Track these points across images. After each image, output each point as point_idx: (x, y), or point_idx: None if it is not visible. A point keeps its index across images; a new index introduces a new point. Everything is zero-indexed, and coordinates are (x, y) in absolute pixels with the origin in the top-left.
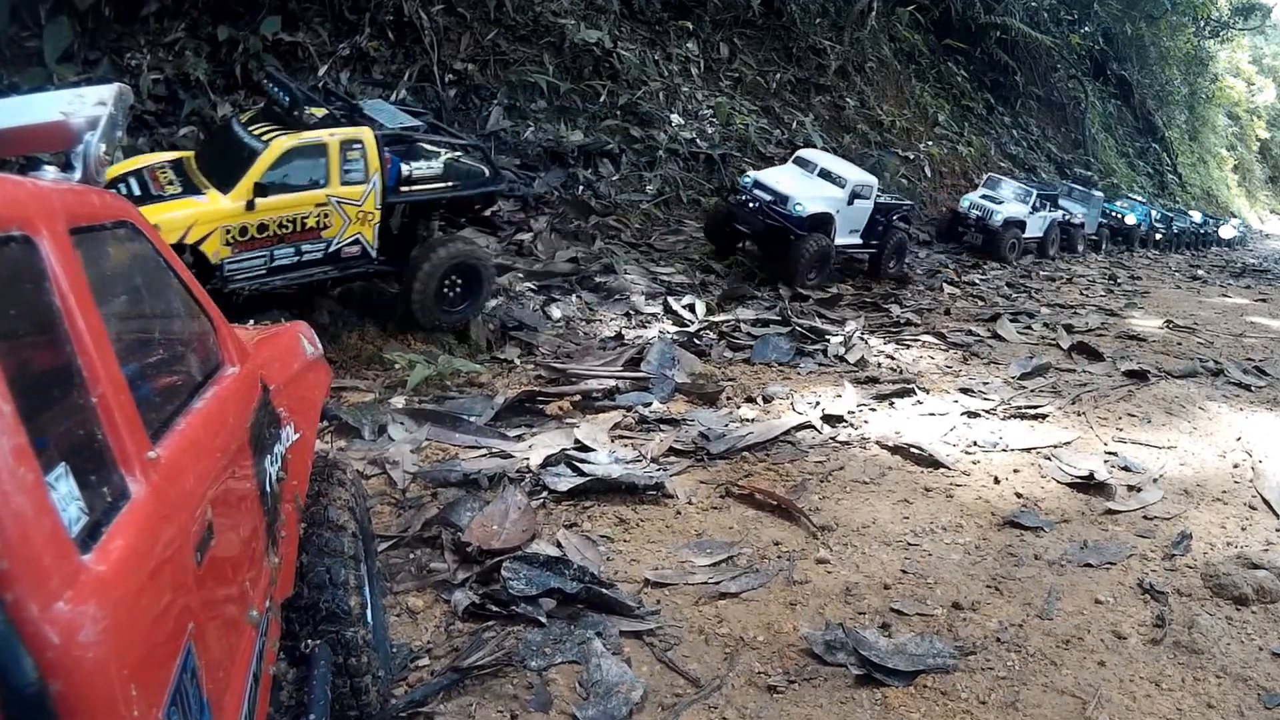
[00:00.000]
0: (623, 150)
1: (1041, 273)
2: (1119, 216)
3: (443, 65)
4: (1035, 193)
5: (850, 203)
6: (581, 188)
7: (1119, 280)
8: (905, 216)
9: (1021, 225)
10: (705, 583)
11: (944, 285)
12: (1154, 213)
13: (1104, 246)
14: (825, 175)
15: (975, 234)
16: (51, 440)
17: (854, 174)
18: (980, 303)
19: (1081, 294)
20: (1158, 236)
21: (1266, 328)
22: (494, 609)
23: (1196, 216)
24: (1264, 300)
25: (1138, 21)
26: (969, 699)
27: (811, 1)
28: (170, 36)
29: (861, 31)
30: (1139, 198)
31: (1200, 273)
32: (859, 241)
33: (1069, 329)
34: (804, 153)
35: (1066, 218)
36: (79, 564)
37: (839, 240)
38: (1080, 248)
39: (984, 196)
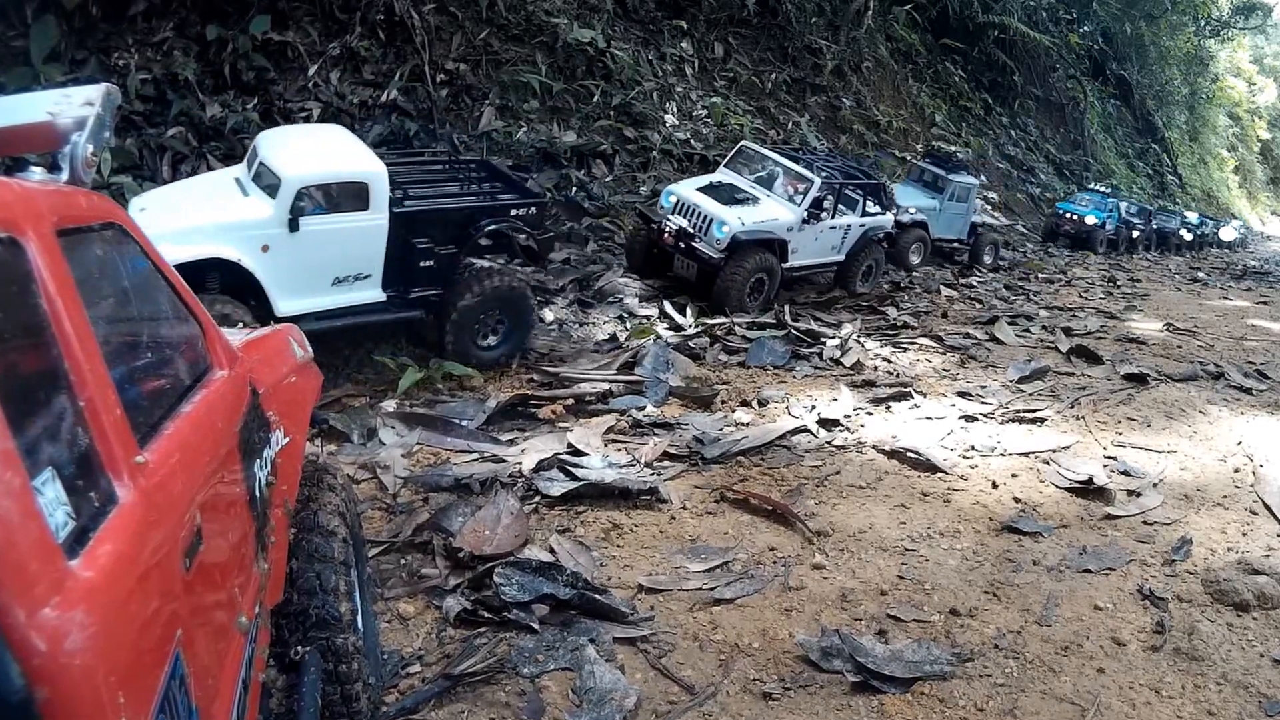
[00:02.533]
0: (616, 151)
1: (1040, 275)
2: (1075, 217)
3: (434, 65)
4: (819, 180)
5: (294, 225)
6: (574, 189)
7: (1118, 283)
8: (519, 227)
9: (780, 248)
10: (700, 588)
11: (940, 288)
12: (1149, 209)
13: (994, 260)
14: (260, 175)
15: (686, 263)
16: (38, 444)
17: (301, 163)
18: (978, 305)
19: (1080, 296)
20: (1134, 235)
21: (1267, 330)
22: (486, 615)
23: (1193, 217)
24: (1265, 303)
25: (1137, 21)
26: (967, 706)
27: (807, 0)
28: (158, 36)
29: (858, 31)
30: (1102, 189)
31: (1200, 275)
32: (373, 298)
33: (1067, 332)
34: (263, 135)
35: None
36: (66, 570)
37: (291, 306)
38: (905, 264)
39: (706, 189)
